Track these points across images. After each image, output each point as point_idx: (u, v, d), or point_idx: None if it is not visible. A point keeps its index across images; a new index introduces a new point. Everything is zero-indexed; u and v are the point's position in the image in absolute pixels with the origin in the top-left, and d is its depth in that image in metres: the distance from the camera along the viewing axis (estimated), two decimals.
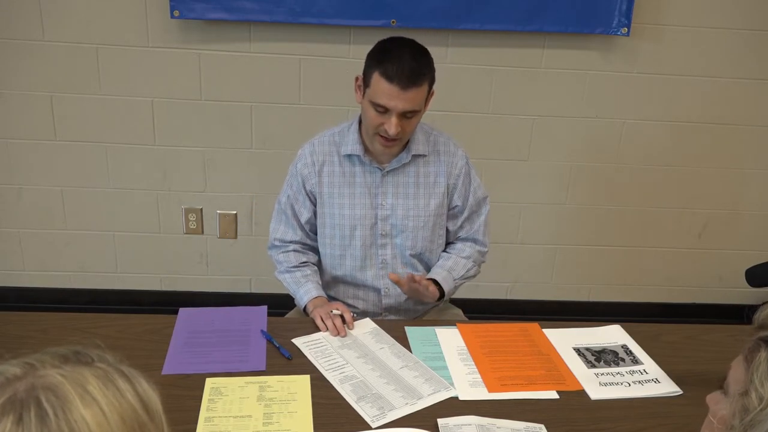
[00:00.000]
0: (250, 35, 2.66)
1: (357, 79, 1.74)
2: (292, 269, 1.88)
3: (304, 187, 1.85)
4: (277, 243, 1.91)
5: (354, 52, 2.68)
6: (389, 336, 1.68)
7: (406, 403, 1.43)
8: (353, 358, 1.59)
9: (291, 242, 1.90)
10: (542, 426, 1.37)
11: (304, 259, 1.90)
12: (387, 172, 1.82)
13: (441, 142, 1.86)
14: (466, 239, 1.94)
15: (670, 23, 2.73)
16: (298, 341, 1.63)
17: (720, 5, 2.72)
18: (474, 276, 1.95)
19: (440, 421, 1.36)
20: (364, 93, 1.71)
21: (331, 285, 1.95)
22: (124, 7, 2.59)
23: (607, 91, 2.82)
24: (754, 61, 2.81)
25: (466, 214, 1.91)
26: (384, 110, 1.66)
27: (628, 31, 2.66)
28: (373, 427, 1.36)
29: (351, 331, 1.70)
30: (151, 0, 2.58)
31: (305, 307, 1.81)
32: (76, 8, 2.58)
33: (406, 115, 1.67)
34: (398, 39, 1.71)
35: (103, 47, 2.64)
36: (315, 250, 1.94)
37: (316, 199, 1.85)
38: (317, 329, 1.69)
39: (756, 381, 0.75)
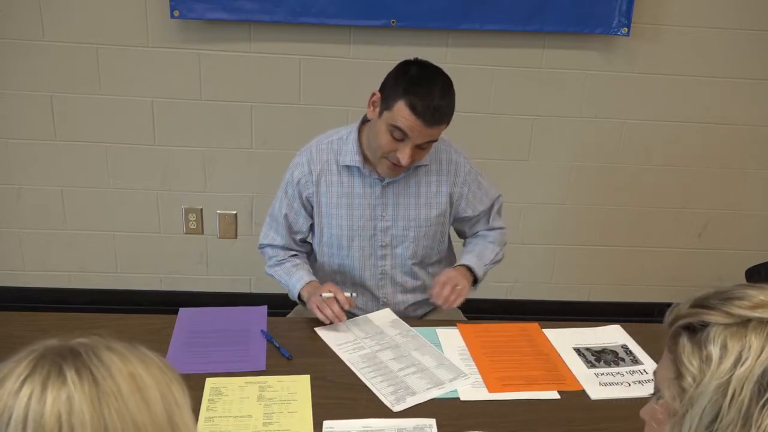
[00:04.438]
0: (250, 35, 2.66)
1: (373, 95, 1.67)
2: (283, 261, 1.87)
3: (301, 197, 1.81)
4: (265, 244, 1.92)
5: (354, 52, 2.68)
6: (408, 325, 1.73)
7: (428, 389, 1.47)
8: (373, 344, 1.63)
9: (281, 246, 1.90)
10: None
11: (295, 253, 1.90)
12: (387, 183, 1.77)
13: (442, 149, 1.82)
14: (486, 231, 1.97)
15: (670, 23, 2.73)
16: (320, 330, 1.67)
17: (720, 5, 2.71)
18: (500, 260, 1.95)
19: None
20: (380, 113, 1.64)
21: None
22: (124, 7, 2.59)
23: (607, 91, 2.82)
24: (754, 61, 2.81)
25: (480, 216, 1.92)
26: (401, 136, 1.61)
27: (628, 31, 2.66)
28: (393, 411, 1.40)
29: (373, 321, 1.74)
30: (151, 0, 2.58)
31: (299, 296, 1.81)
32: (76, 8, 2.58)
33: (422, 146, 1.65)
34: (427, 69, 1.65)
35: (103, 47, 2.64)
36: (307, 253, 1.95)
37: (313, 208, 1.83)
38: (319, 323, 1.70)
39: (685, 361, 0.79)
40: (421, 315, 1.96)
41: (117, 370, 0.68)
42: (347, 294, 1.70)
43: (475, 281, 1.85)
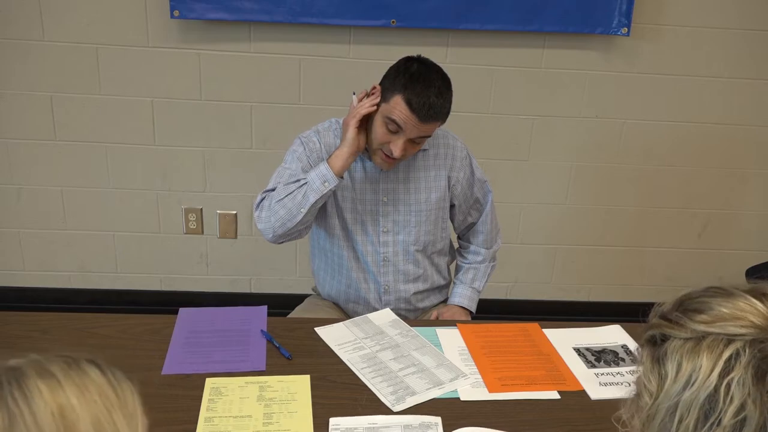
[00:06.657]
0: (250, 35, 2.66)
1: (374, 88, 1.72)
2: (286, 186, 1.73)
3: (309, 160, 1.78)
4: (266, 192, 1.81)
5: (354, 52, 2.68)
6: (408, 325, 1.72)
7: (428, 389, 1.47)
8: (373, 344, 1.63)
9: None
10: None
11: None
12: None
13: (440, 134, 1.86)
14: (476, 233, 2.01)
15: (670, 23, 2.73)
16: (320, 330, 1.67)
17: (720, 5, 2.72)
18: (493, 270, 2.08)
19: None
20: (378, 105, 1.69)
21: (328, 286, 1.95)
22: (124, 7, 2.59)
23: (607, 91, 2.82)
24: (754, 61, 2.81)
25: (471, 202, 1.95)
26: (396, 129, 1.66)
27: (628, 31, 2.66)
28: (393, 411, 1.39)
29: (373, 321, 1.74)
30: (151, 0, 2.58)
31: (332, 171, 1.68)
32: (76, 8, 2.58)
33: (415, 140, 1.69)
34: (427, 67, 1.68)
35: (103, 47, 2.64)
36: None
37: None
38: (319, 323, 1.70)
39: (644, 379, 0.83)
40: (421, 311, 1.97)
41: (41, 403, 0.62)
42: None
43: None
